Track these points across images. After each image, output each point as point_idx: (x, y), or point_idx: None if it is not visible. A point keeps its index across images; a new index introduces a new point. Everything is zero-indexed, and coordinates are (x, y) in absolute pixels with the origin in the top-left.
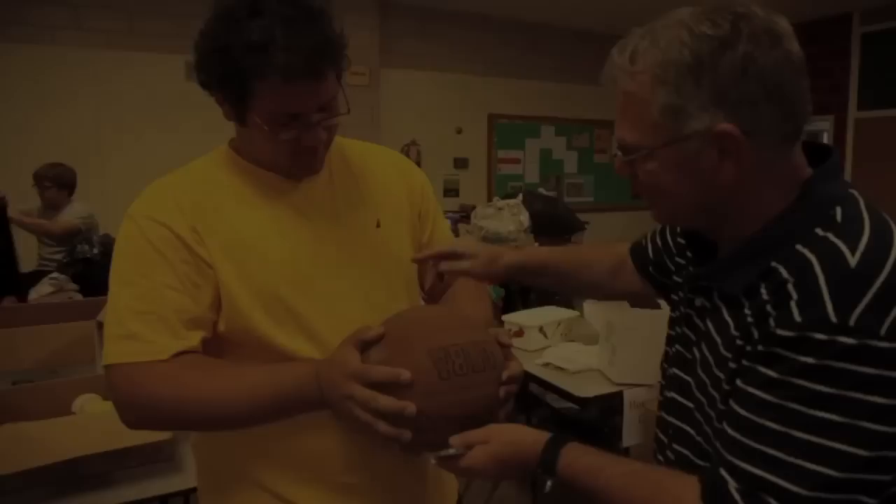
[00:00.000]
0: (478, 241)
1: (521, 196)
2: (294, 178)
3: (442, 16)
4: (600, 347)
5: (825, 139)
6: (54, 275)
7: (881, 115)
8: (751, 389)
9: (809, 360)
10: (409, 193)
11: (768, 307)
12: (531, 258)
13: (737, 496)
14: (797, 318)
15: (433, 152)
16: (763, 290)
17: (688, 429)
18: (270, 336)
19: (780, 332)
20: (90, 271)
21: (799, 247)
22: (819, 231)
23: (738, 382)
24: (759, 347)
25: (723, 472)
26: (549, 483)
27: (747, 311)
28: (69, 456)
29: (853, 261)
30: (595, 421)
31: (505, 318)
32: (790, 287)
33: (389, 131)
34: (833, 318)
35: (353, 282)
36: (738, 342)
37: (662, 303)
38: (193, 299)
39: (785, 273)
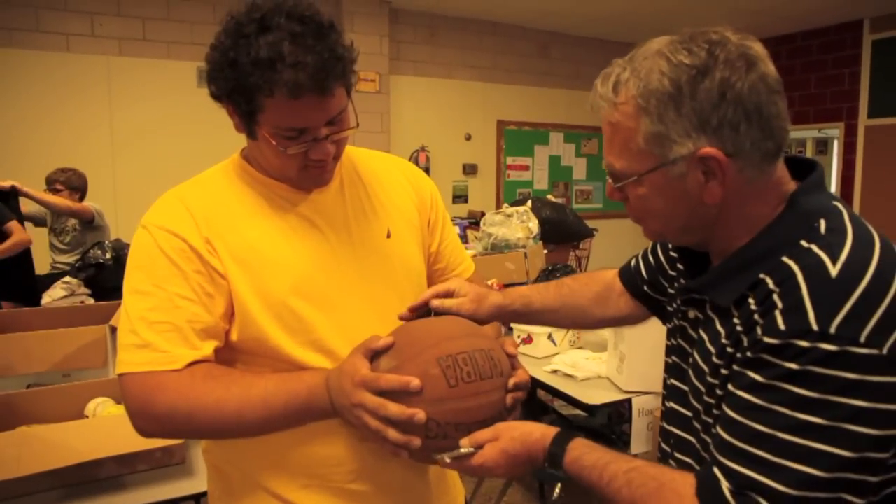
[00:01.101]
0: (467, 282)
1: (529, 203)
2: (304, 190)
3: (451, 22)
4: (609, 355)
5: (835, 146)
6: (67, 279)
7: (891, 122)
8: (740, 393)
9: (793, 365)
10: (418, 202)
11: (756, 316)
12: (515, 296)
13: (728, 495)
14: (781, 326)
15: (442, 158)
16: (751, 300)
17: (688, 437)
18: (282, 345)
19: (766, 339)
20: (102, 276)
21: (784, 258)
22: (803, 243)
23: (729, 387)
24: (748, 354)
25: (716, 471)
26: (556, 490)
27: (736, 321)
28: (81, 459)
29: (834, 271)
30: (603, 428)
31: (514, 324)
32: (775, 297)
33: (399, 137)
34: (815, 327)
35: (364, 292)
36: (729, 349)
37: None
38: (207, 309)
39: (771, 283)
